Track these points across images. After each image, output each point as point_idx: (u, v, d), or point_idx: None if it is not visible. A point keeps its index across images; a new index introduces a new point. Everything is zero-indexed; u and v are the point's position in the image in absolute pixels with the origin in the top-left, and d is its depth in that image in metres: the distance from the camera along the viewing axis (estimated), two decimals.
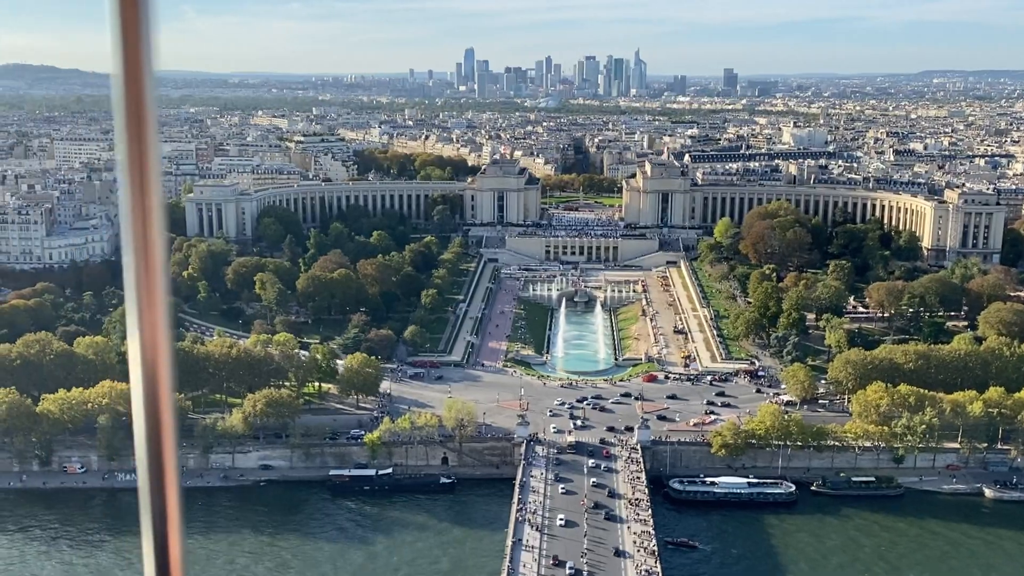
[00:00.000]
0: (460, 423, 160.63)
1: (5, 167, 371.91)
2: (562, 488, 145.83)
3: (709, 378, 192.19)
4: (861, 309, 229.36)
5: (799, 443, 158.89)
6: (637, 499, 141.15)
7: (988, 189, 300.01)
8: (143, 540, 5.11)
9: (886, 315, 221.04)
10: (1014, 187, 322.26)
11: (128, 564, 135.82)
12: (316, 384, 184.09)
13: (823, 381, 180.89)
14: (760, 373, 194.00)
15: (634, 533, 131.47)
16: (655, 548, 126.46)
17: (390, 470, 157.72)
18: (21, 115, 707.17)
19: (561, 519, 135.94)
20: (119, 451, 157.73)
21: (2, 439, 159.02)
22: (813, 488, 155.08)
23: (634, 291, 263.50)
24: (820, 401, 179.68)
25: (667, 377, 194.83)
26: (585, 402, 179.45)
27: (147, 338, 4.93)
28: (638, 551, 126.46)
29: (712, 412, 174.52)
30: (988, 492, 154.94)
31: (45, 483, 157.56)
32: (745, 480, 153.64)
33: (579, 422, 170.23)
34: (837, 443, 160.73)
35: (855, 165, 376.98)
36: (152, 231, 4.80)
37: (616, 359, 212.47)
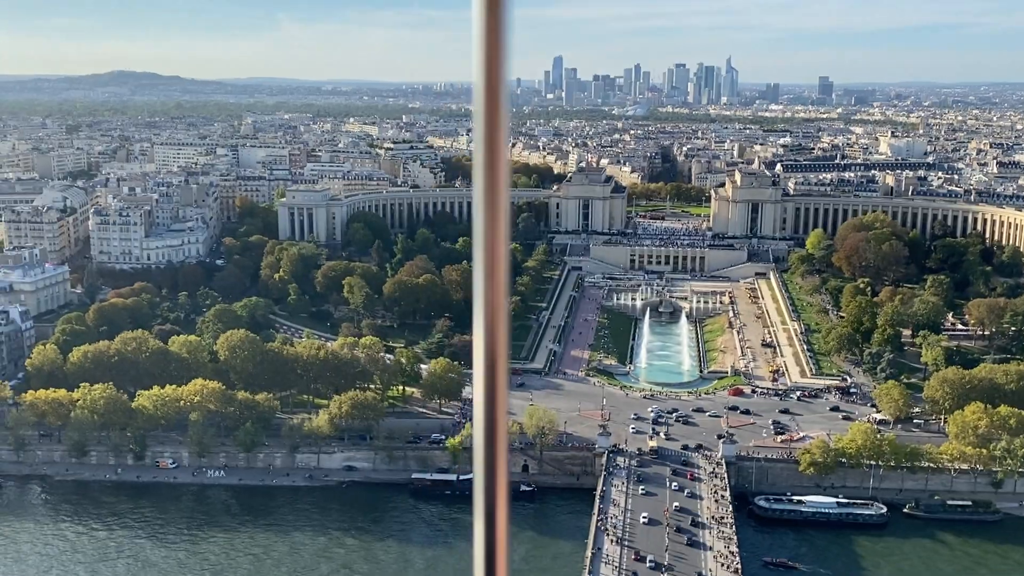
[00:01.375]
0: (541, 431, 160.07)
1: (108, 170, 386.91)
2: (643, 490, 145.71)
3: (798, 393, 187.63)
4: (960, 326, 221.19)
5: (892, 463, 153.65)
6: (720, 516, 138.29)
7: None
8: (475, 538, 5.34)
9: (986, 333, 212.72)
10: None
11: (214, 556, 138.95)
12: (400, 387, 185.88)
13: (918, 400, 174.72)
14: (852, 390, 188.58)
15: (717, 551, 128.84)
16: (739, 566, 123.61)
17: (471, 476, 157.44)
18: (124, 120, 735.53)
19: (644, 516, 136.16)
20: (209, 448, 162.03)
21: (99, 433, 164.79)
22: (906, 511, 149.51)
23: (721, 302, 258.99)
24: (915, 421, 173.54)
25: (754, 391, 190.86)
26: (674, 414, 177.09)
27: (489, 336, 5.06)
28: (721, 567, 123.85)
29: (786, 429, 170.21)
30: None
31: (139, 477, 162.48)
32: (834, 500, 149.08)
33: (662, 433, 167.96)
34: (932, 465, 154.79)
35: (956, 177, 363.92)
36: (499, 231, 5.01)
37: (701, 371, 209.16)
